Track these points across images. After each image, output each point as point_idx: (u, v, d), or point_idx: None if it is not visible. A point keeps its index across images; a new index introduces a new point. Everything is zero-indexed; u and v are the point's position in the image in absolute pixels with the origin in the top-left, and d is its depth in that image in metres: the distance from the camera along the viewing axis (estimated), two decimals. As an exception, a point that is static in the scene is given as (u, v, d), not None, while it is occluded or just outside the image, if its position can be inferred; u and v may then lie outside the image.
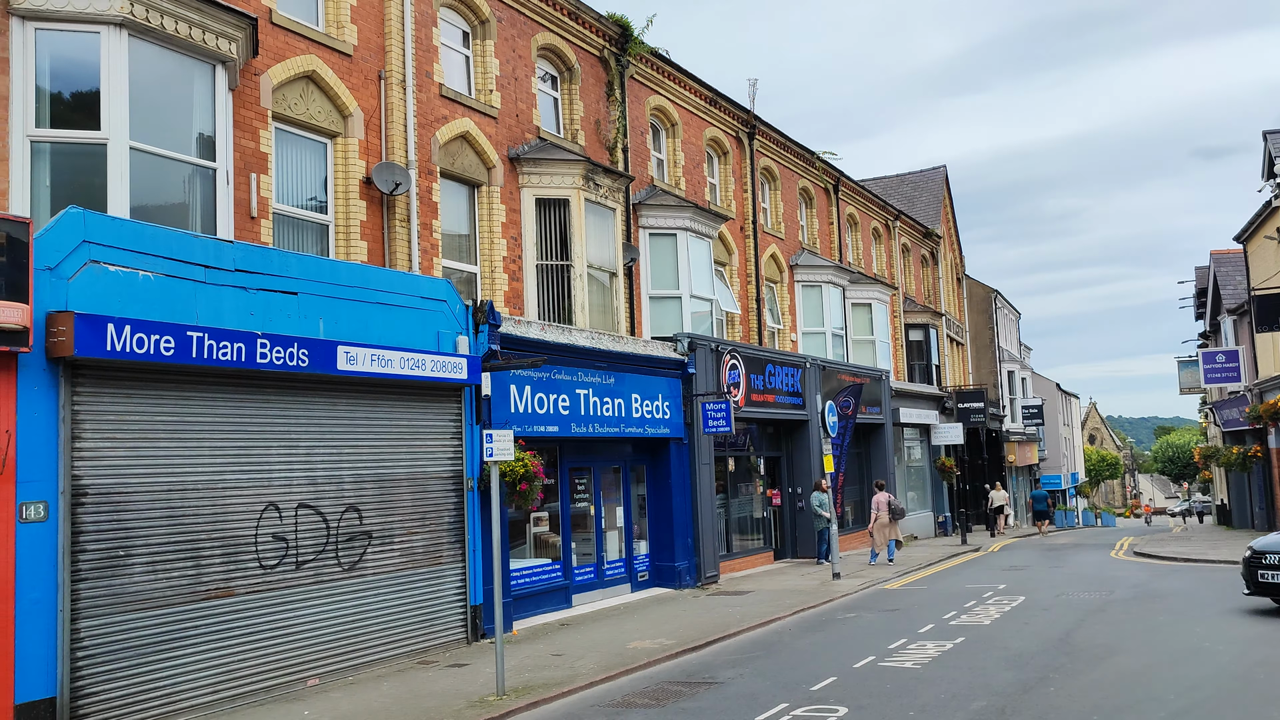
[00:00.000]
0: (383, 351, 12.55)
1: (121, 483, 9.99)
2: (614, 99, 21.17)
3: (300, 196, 14.29)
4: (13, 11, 10.65)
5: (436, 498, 13.76)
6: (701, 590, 19.56)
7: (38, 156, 10.76)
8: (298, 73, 13.99)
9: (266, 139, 13.39)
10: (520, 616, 15.71)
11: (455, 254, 16.87)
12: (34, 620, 9.12)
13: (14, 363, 9.12)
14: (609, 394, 17.92)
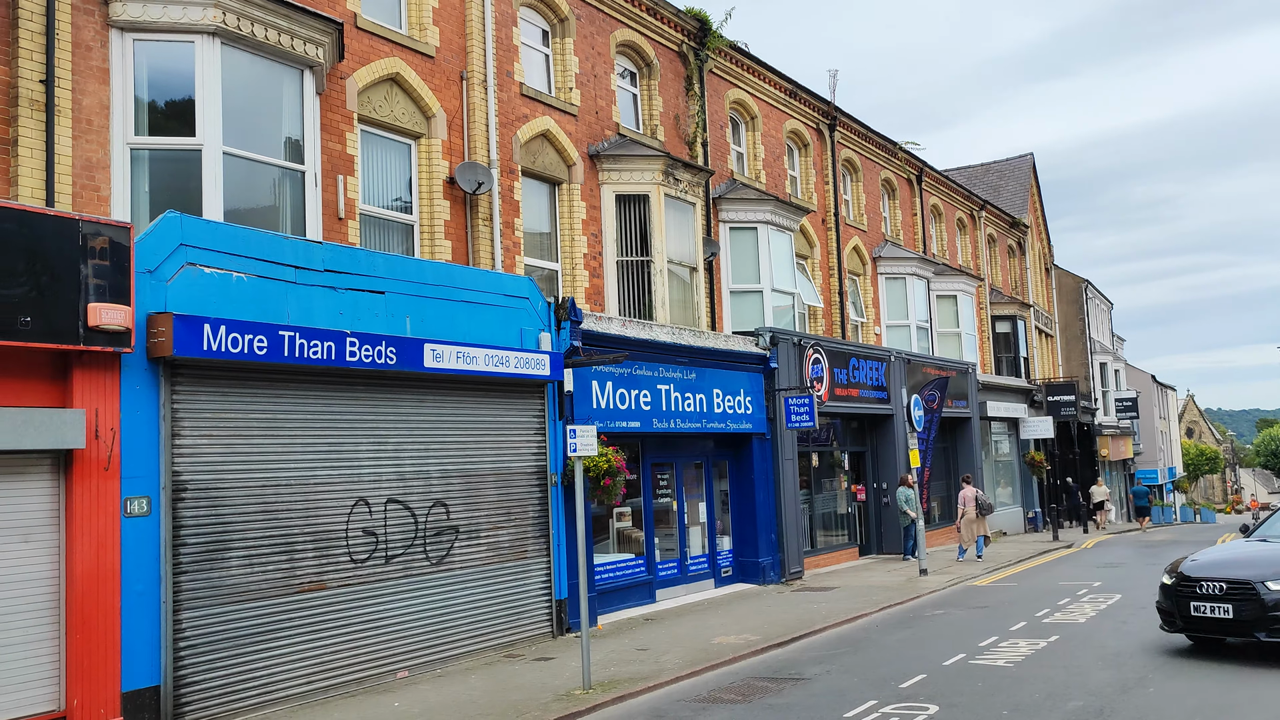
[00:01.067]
0: (467, 349, 12.71)
1: (218, 478, 10.29)
2: (693, 94, 21.12)
3: (386, 197, 14.54)
4: (112, 24, 11.02)
5: (521, 493, 13.89)
6: (786, 586, 19.43)
7: (137, 163, 11.12)
8: (382, 75, 14.23)
9: (353, 141, 13.65)
10: (604, 611, 15.78)
11: (537, 251, 17.00)
12: (139, 611, 9.45)
13: (117, 363, 9.45)
14: (690, 389, 17.90)
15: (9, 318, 8.48)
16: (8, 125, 10.07)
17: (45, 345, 8.76)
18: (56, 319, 8.80)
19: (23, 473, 8.93)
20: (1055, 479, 38.31)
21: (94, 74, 10.86)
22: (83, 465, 9.14)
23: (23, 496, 8.93)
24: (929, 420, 25.73)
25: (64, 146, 10.41)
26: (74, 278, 8.93)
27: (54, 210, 9.20)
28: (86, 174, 10.68)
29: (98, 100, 10.87)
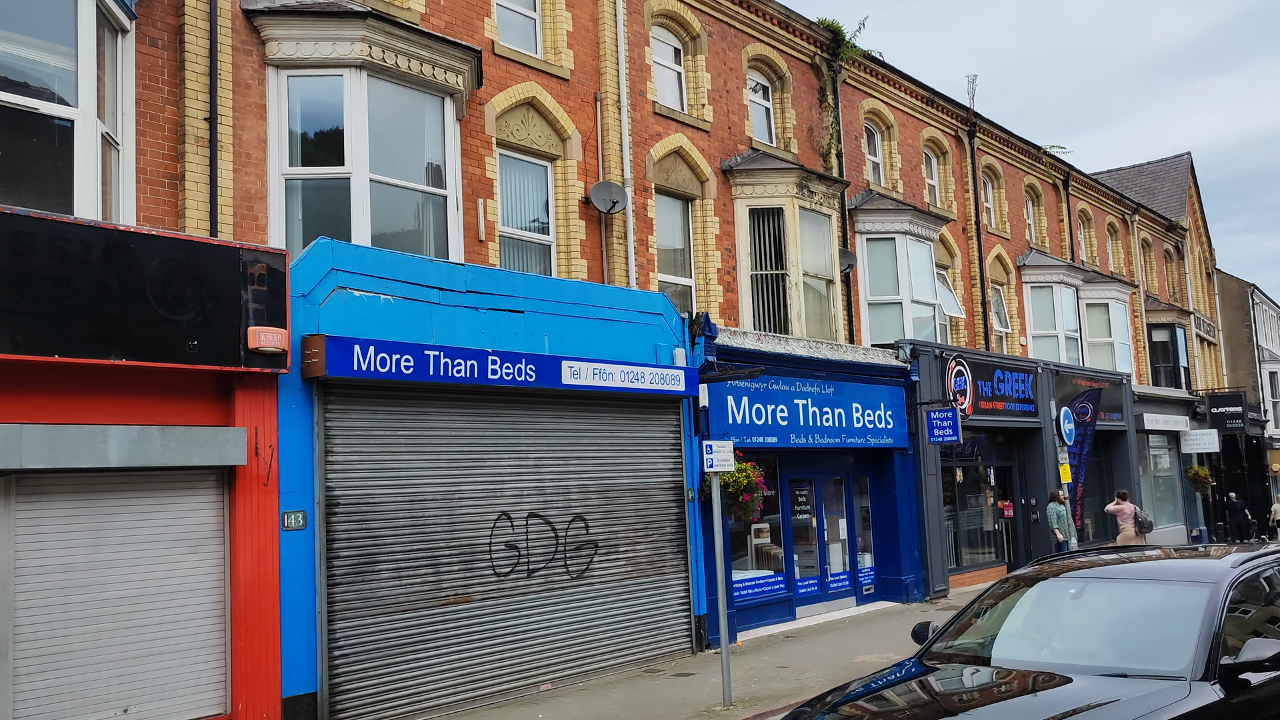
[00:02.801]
0: (604, 365, 12.88)
1: (368, 493, 10.68)
2: (826, 105, 20.93)
3: (523, 218, 14.88)
4: (269, 62, 11.64)
5: (658, 508, 13.96)
6: (930, 604, 18.93)
7: (290, 192, 11.70)
8: (519, 100, 14.59)
9: (491, 165, 14.03)
10: (743, 628, 15.69)
11: (670, 268, 17.11)
12: (296, 621, 9.88)
13: (274, 383, 9.94)
14: (828, 404, 17.67)
15: (178, 342, 9.03)
16: (176, 161, 10.74)
17: (210, 367, 9.28)
18: (220, 342, 9.32)
19: (191, 488, 9.48)
20: (1220, 495, 36.22)
21: (252, 110, 11.48)
22: (244, 481, 9.63)
23: (191, 510, 9.47)
24: (1081, 434, 24.70)
25: (225, 179, 11.03)
26: (235, 303, 9.45)
27: (217, 240, 9.76)
28: (245, 204, 11.29)
29: (255, 134, 11.48)
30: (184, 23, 10.86)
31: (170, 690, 9.12)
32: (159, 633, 9.12)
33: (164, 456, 8.94)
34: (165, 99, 10.76)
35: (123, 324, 8.69)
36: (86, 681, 8.63)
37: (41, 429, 8.22)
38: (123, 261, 8.75)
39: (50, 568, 8.55)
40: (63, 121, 9.46)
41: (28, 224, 8.23)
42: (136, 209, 10.38)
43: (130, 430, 8.74)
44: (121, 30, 10.40)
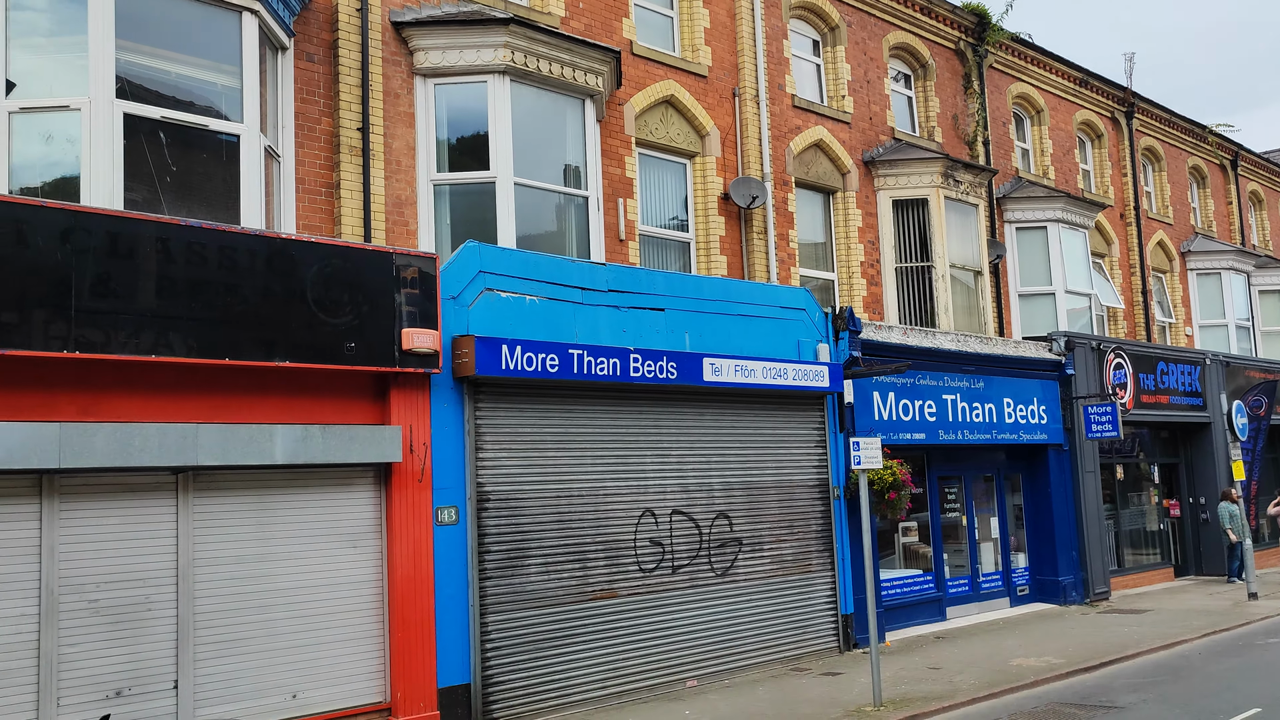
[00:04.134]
0: (745, 362, 12.81)
1: (517, 490, 10.91)
2: (972, 91, 20.30)
3: (662, 216, 14.95)
4: (416, 71, 12.02)
5: (803, 506, 13.81)
6: (1090, 607, 18.15)
7: (439, 198, 12.06)
8: (657, 99, 14.66)
9: (631, 165, 14.14)
10: (891, 628, 15.37)
11: (812, 262, 16.90)
12: (450, 614, 10.18)
13: (427, 383, 10.26)
14: (978, 399, 17.14)
15: (337, 344, 9.42)
16: (332, 170, 11.20)
17: (367, 368, 9.65)
18: (375, 344, 9.67)
19: (350, 484, 9.87)
20: None
21: (401, 119, 11.88)
22: (400, 477, 9.98)
23: (351, 506, 9.86)
24: (1255, 428, 23.26)
25: (378, 186, 11.44)
26: (389, 306, 9.80)
27: (372, 245, 10.14)
28: (397, 210, 11.68)
29: (405, 142, 11.87)
30: (338, 38, 11.32)
31: (334, 678, 9.53)
32: (323, 623, 9.53)
33: (325, 454, 9.34)
34: (321, 111, 11.23)
35: (286, 328, 9.11)
36: (258, 668, 9.09)
37: (214, 428, 8.70)
38: (285, 268, 9.18)
39: (223, 559, 9.04)
40: (229, 137, 9.99)
41: (200, 235, 8.72)
42: (296, 217, 10.87)
43: (295, 429, 9.16)
44: (281, 48, 10.90)
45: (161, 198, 9.50)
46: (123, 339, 8.20)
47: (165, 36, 9.72)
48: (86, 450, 8.03)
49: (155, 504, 8.72)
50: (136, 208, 9.17)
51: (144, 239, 8.40)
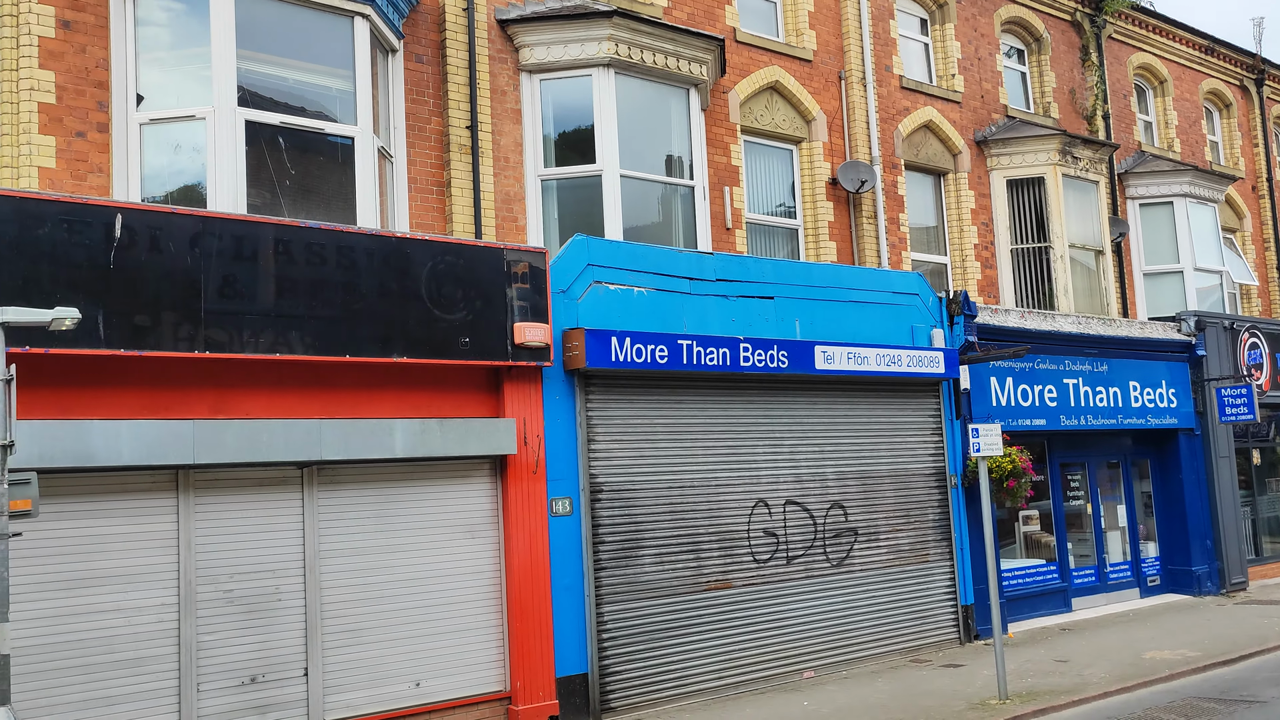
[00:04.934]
0: (857, 349, 12.61)
1: (629, 481, 10.95)
2: (1089, 64, 19.56)
3: (769, 203, 14.80)
4: (522, 68, 12.15)
5: (919, 494, 13.53)
6: (1226, 598, 17.36)
7: (546, 193, 12.17)
8: (762, 85, 14.51)
9: (736, 153, 14.03)
10: (1014, 619, 14.96)
11: (923, 246, 16.54)
12: (566, 604, 10.28)
13: (539, 376, 10.37)
14: (1101, 382, 16.53)
15: (451, 339, 9.59)
16: (442, 169, 11.40)
17: (481, 362, 9.81)
18: (488, 338, 9.82)
19: (467, 476, 10.05)
20: None
21: (508, 115, 12.02)
22: (514, 469, 10.11)
23: (468, 497, 10.04)
24: (1404, 409, 21.86)
25: (487, 183, 11.60)
26: (501, 300, 9.93)
27: (483, 242, 10.30)
28: (506, 206, 11.83)
29: (512, 139, 12.01)
30: (445, 38, 11.50)
31: (455, 668, 9.72)
32: (443, 613, 9.73)
33: (443, 447, 9.52)
34: (431, 111, 11.43)
35: (402, 324, 9.32)
36: (382, 656, 9.34)
37: (337, 423, 8.96)
38: (400, 266, 9.38)
39: (347, 551, 9.30)
40: (344, 139, 10.25)
41: (319, 235, 8.97)
42: (409, 216, 11.09)
43: (413, 423, 9.37)
44: (391, 50, 11.14)
45: (281, 201, 9.81)
46: (247, 338, 8.50)
47: (281, 44, 10.02)
48: (218, 446, 8.35)
49: (282, 497, 9.02)
50: (258, 211, 9.48)
51: (266, 241, 8.68)
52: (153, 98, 9.58)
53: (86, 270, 7.85)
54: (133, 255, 8.05)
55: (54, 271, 7.72)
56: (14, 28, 9.02)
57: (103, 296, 7.88)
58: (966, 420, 14.11)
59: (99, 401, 8.13)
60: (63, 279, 7.75)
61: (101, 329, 7.85)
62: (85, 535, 8.08)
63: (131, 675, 8.14)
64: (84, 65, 9.28)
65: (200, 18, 9.59)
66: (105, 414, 8.10)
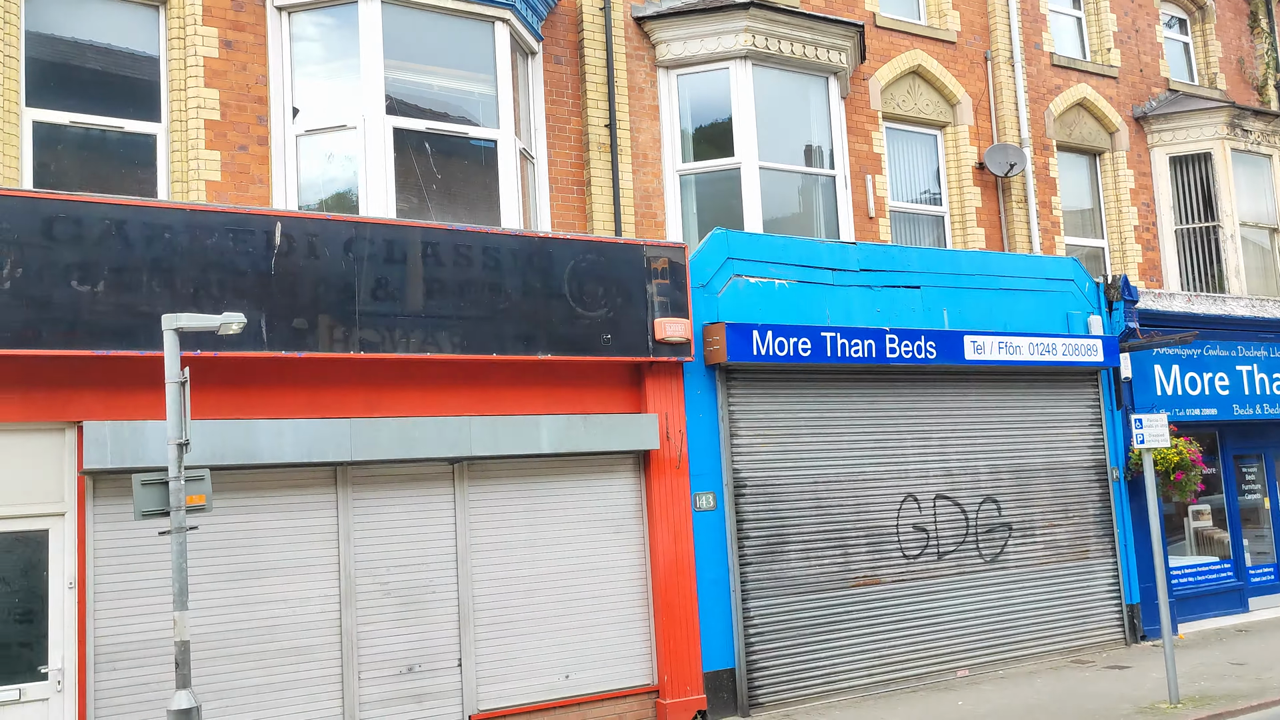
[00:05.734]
0: (1009, 338, 12.17)
1: (773, 475, 10.86)
2: (1259, 31, 18.35)
3: (913, 191, 14.43)
4: (659, 64, 12.18)
5: (1078, 488, 12.97)
6: None
7: (684, 187, 12.17)
8: (903, 70, 14.15)
9: (878, 140, 13.73)
10: (1183, 619, 14.18)
11: (1078, 229, 15.84)
12: (711, 599, 10.26)
13: (679, 371, 10.38)
14: (1279, 369, 15.51)
15: (594, 336, 9.70)
16: (582, 168, 11.53)
17: (622, 359, 9.88)
18: (629, 334, 9.88)
19: (611, 471, 10.14)
20: None
21: (645, 112, 12.06)
22: (657, 464, 10.15)
23: (612, 493, 10.13)
24: None
25: (626, 181, 11.67)
26: (642, 296, 9.98)
27: (623, 238, 10.37)
28: (644, 203, 11.88)
29: (650, 135, 12.05)
30: (583, 38, 11.63)
31: (603, 660, 9.83)
32: (590, 606, 9.85)
33: (587, 442, 9.64)
34: (570, 111, 11.57)
35: (546, 322, 9.47)
36: (532, 649, 9.52)
37: (485, 420, 9.17)
38: (543, 265, 9.53)
39: (495, 544, 9.51)
40: (487, 143, 10.48)
41: (464, 237, 9.20)
42: (550, 215, 11.26)
43: (558, 419, 9.52)
44: (530, 53, 11.33)
45: (428, 204, 10.10)
46: (398, 339, 8.78)
47: (425, 52, 10.31)
48: (373, 444, 8.66)
49: (434, 492, 9.29)
50: (406, 216, 9.79)
51: (414, 244, 8.95)
52: (307, 110, 9.99)
53: (250, 276, 8.26)
54: (291, 261, 8.43)
55: (221, 278, 8.15)
56: (181, 50, 9.55)
57: (264, 301, 8.28)
58: (1128, 411, 13.45)
59: (262, 401, 8.54)
60: (229, 285, 8.17)
61: (264, 332, 8.24)
62: (252, 529, 8.51)
63: (298, 663, 8.52)
64: (245, 82, 9.76)
65: (350, 31, 9.96)
66: (268, 413, 8.50)
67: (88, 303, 7.67)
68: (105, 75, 9.44)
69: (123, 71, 9.54)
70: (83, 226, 7.71)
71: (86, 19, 9.40)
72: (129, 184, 9.37)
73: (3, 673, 7.53)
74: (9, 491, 7.69)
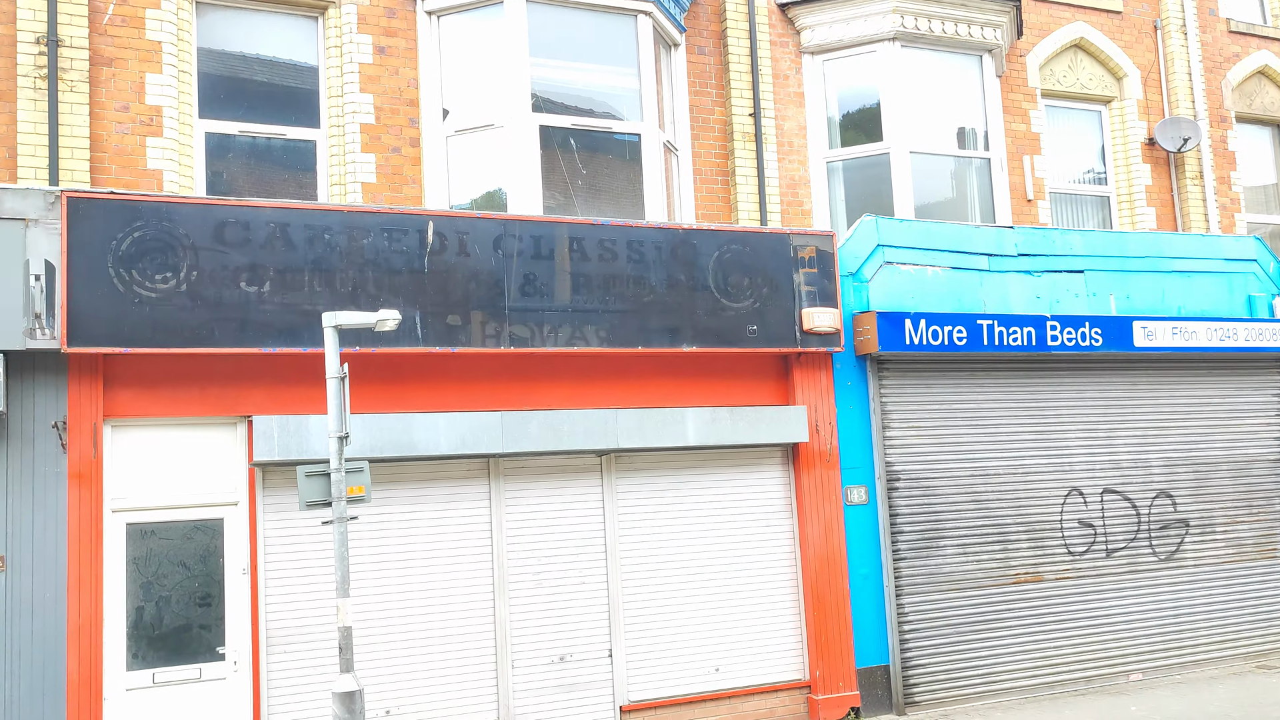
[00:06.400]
0: (1183, 324, 11.46)
1: (927, 468, 10.53)
2: None
3: (1075, 171, 13.76)
4: (804, 51, 11.97)
5: (1263, 483, 12.10)
6: None
7: (831, 175, 11.94)
8: (1064, 44, 13.50)
9: (1037, 118, 13.14)
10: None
11: (1261, 206, 14.79)
12: (864, 594, 10.05)
13: (829, 362, 10.18)
14: None
15: (739, 327, 9.61)
16: (726, 158, 11.45)
17: (769, 350, 9.76)
18: (776, 325, 9.75)
19: (759, 464, 10.04)
20: None
21: (791, 99, 11.88)
22: (806, 457, 9.99)
23: (760, 486, 10.02)
24: None
25: (771, 170, 11.53)
26: (788, 286, 9.83)
27: (769, 228, 10.24)
28: (790, 191, 11.70)
29: (795, 123, 11.86)
30: (726, 27, 11.53)
31: (753, 654, 9.74)
32: (738, 600, 9.77)
33: (733, 435, 9.56)
34: (714, 101, 11.50)
35: (691, 314, 9.44)
36: (679, 641, 9.51)
37: (631, 413, 9.21)
38: (687, 257, 9.50)
39: (643, 536, 9.54)
40: (631, 136, 10.52)
41: (609, 232, 9.25)
42: (695, 207, 11.22)
43: (704, 412, 9.47)
44: (673, 44, 11.31)
45: (574, 200, 10.21)
46: (546, 333, 8.91)
47: (569, 49, 10.43)
48: (523, 436, 8.81)
49: (583, 484, 9.39)
50: (552, 212, 9.92)
51: (561, 240, 9.06)
52: (456, 111, 10.24)
53: (404, 275, 8.52)
54: (443, 259, 8.65)
55: (377, 277, 8.44)
56: (339, 58, 9.93)
57: (418, 298, 8.52)
58: (1320, 399, 12.48)
59: (416, 396, 8.80)
60: (385, 284, 8.45)
61: (419, 328, 8.49)
62: (408, 518, 8.78)
63: (453, 649, 8.76)
64: (397, 86, 10.07)
65: (496, 31, 10.15)
66: (422, 407, 8.76)
67: (255, 302, 8.06)
68: (269, 86, 9.91)
69: (285, 81, 9.99)
70: (250, 230, 8.11)
71: (252, 33, 9.88)
72: (291, 188, 9.80)
73: (184, 652, 8.00)
74: (189, 483, 8.16)
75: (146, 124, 9.12)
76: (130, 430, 8.04)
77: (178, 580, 8.06)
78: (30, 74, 8.68)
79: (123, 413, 7.94)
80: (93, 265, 7.62)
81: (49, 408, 7.66)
